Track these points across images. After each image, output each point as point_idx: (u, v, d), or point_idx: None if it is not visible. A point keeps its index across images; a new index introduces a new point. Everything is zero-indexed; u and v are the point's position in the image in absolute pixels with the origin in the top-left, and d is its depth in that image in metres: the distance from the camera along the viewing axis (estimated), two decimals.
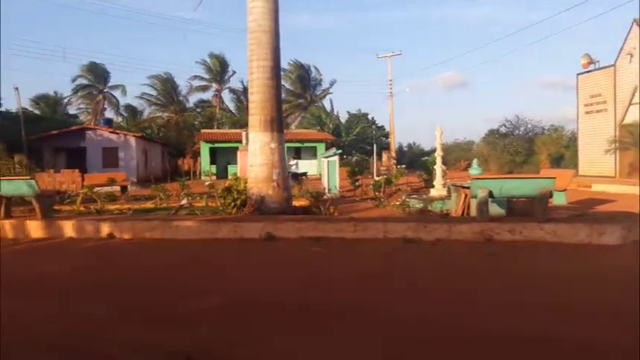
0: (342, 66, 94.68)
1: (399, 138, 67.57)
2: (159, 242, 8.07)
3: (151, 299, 4.77)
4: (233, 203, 10.11)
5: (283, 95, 11.40)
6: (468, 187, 9.30)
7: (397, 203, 11.78)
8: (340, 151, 18.16)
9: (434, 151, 17.75)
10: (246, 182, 10.32)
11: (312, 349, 3.39)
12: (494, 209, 8.80)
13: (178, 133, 45.63)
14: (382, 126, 53.07)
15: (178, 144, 43.69)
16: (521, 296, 4.66)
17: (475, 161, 17.70)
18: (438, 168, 14.49)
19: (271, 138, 10.11)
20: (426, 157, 26.11)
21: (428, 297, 4.71)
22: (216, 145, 36.02)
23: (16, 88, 29.26)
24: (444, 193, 13.34)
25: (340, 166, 16.96)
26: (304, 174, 27.50)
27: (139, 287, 5.31)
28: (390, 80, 41.92)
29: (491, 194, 8.15)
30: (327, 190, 15.21)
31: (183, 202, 11.34)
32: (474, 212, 8.83)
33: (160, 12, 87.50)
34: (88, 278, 5.80)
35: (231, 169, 33.75)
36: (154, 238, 8.31)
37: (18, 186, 9.37)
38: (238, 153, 29.71)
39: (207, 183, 14.59)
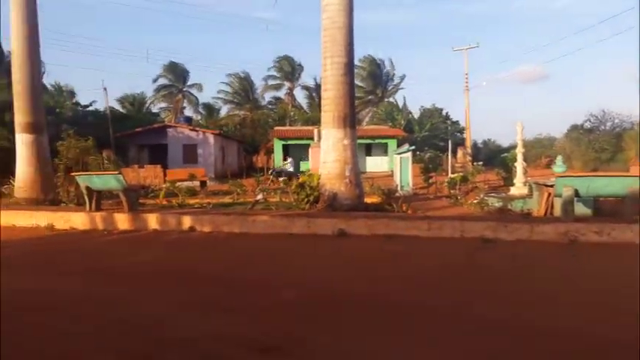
0: (415, 60, 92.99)
1: (475, 134, 65.45)
2: (236, 236, 8.34)
3: (229, 291, 4.93)
4: (306, 199, 10.23)
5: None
6: (551, 186, 8.83)
7: (474, 202, 11.40)
8: (413, 147, 17.83)
9: (512, 147, 17.05)
10: (319, 178, 10.42)
11: (386, 349, 3.35)
12: (580, 209, 8.30)
13: (253, 131, 46.89)
14: (457, 121, 51.66)
15: (253, 141, 44.89)
16: (608, 300, 4.35)
17: (559, 158, 16.76)
18: (519, 165, 13.87)
19: (344, 134, 10.12)
20: (505, 154, 25.07)
21: (508, 299, 4.52)
22: (289, 142, 36.61)
23: (105, 89, 31.43)
24: (525, 191, 12.75)
25: (413, 162, 16.67)
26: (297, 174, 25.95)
27: (219, 278, 5.50)
28: (466, 74, 40.62)
29: (576, 193, 7.69)
30: (399, 188, 15.01)
31: (259, 197, 11.63)
32: (557, 212, 8.37)
33: (238, 12, 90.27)
34: (172, 268, 6.11)
35: (303, 165, 34.21)
36: (232, 231, 8.59)
37: (107, 180, 10.02)
38: (310, 150, 30.10)
39: (281, 179, 14.89)
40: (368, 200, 11.11)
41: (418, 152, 35.61)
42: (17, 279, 5.62)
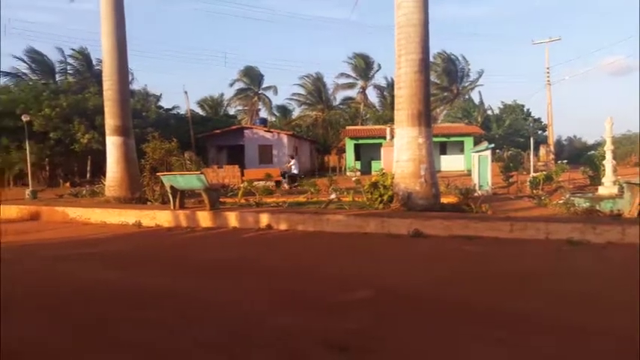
0: (492, 55, 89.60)
1: (558, 130, 61.92)
2: (311, 234, 8.45)
3: (307, 288, 5.00)
4: (380, 199, 10.16)
5: None
6: None
7: (560, 202, 10.79)
8: (493, 145, 17.16)
9: (599, 144, 15.92)
10: (392, 178, 10.30)
11: (465, 351, 3.25)
12: None
13: (325, 131, 47.27)
14: (539, 118, 49.23)
15: (325, 141, 45.26)
16: None
17: None
18: (608, 163, 12.95)
19: (419, 133, 9.94)
20: (592, 152, 23.53)
21: (597, 305, 4.23)
22: (361, 141, 36.54)
23: (185, 92, 33.01)
24: (615, 191, 11.89)
25: (492, 161, 16.06)
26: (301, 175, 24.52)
27: (296, 275, 5.60)
28: (548, 68, 38.57)
29: None
30: (477, 187, 14.52)
31: (332, 196, 11.70)
32: None
33: (313, 14, 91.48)
34: (253, 265, 6.31)
35: (374, 164, 33.99)
36: (307, 230, 8.72)
37: (190, 180, 10.49)
38: (382, 149, 29.83)
39: (354, 178, 14.89)
40: (444, 200, 10.84)
41: (497, 150, 34.29)
42: (108, 273, 6.02)
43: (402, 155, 10.01)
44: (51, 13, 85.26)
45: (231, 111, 55.94)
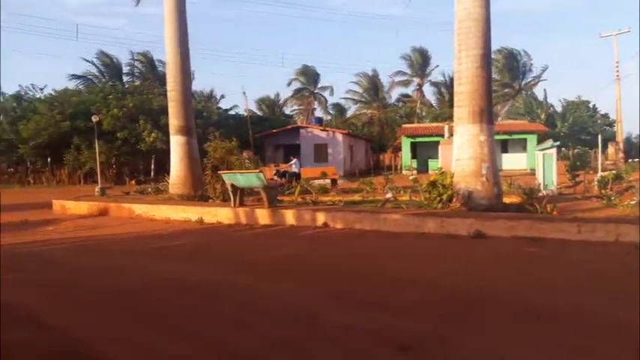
0: (556, 50, 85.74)
1: (628, 127, 58.43)
2: (368, 233, 8.42)
3: (367, 287, 4.99)
4: (438, 198, 9.97)
5: None
6: None
7: (631, 202, 10.18)
8: (558, 143, 16.42)
9: None
10: (452, 177, 10.08)
11: (528, 354, 3.13)
12: None
13: (380, 129, 46.96)
14: (606, 114, 46.72)
15: (380, 139, 44.95)
16: None
17: None
18: None
19: (480, 130, 9.67)
20: None
21: None
22: (417, 139, 36.00)
23: (244, 93, 33.81)
24: None
25: (557, 159, 15.37)
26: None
27: (356, 274, 5.59)
28: (617, 62, 36.48)
29: None
30: (542, 187, 13.95)
31: (389, 195, 11.59)
32: None
33: (367, 11, 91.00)
34: (313, 262, 6.38)
35: (431, 163, 33.41)
36: (363, 228, 8.69)
37: (250, 178, 10.71)
38: (440, 147, 29.26)
39: (411, 177, 14.69)
40: (506, 200, 10.49)
41: (563, 148, 32.83)
42: (174, 267, 6.26)
43: (462, 153, 9.78)
44: (118, 18, 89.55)
45: (288, 110, 56.74)
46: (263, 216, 10.03)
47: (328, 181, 18.38)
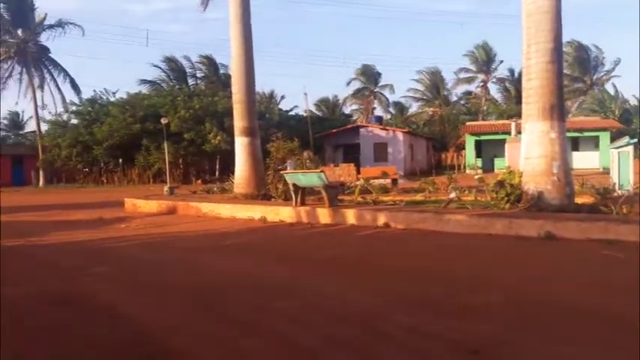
0: (627, 43, 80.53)
1: None
2: (431, 234, 8.27)
3: (429, 288, 4.90)
4: (506, 198, 9.62)
5: None
6: None
7: None
8: (635, 140, 15.42)
9: None
10: (520, 176, 9.70)
11: None
12: None
13: (442, 127, 46.00)
14: None
15: (442, 137, 44.03)
16: None
17: None
18: None
19: (550, 127, 9.26)
20: None
21: None
22: (482, 137, 34.95)
23: (305, 94, 34.14)
24: None
25: (634, 157, 14.42)
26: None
27: (419, 275, 5.52)
28: None
29: None
30: (616, 187, 13.15)
31: (452, 195, 11.31)
32: None
33: (431, 7, 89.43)
34: (376, 262, 6.35)
35: (497, 162, 32.33)
36: (426, 229, 8.54)
37: (311, 178, 10.81)
38: (507, 145, 28.24)
39: (476, 176, 14.28)
40: (579, 200, 9.97)
41: None
42: (240, 264, 6.43)
43: (531, 152, 9.40)
44: (184, 24, 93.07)
45: (348, 110, 56.75)
46: (324, 215, 10.08)
47: (389, 180, 18.21)
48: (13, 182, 37.07)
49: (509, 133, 29.68)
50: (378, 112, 54.29)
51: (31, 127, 49.86)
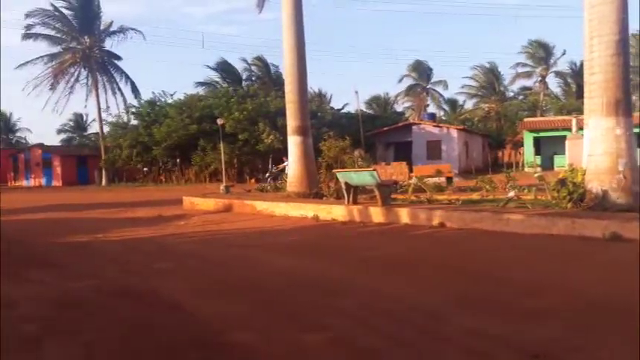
0: None
1: None
2: (489, 234, 8.07)
3: (488, 289, 4.80)
4: (568, 197, 9.24)
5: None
6: None
7: None
8: None
9: None
10: (583, 174, 9.30)
11: None
12: None
13: (499, 124, 44.68)
14: None
15: (498, 135, 42.76)
16: None
17: None
18: None
19: (616, 123, 8.82)
20: None
21: None
22: (541, 134, 33.67)
23: (356, 92, 34.19)
24: None
25: None
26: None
27: (476, 276, 5.41)
28: None
29: None
30: None
31: (511, 194, 10.98)
32: None
33: (482, 1, 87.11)
34: (428, 262, 6.28)
35: (557, 159, 31.04)
36: (484, 229, 8.34)
37: (363, 177, 10.80)
38: (567, 142, 27.07)
39: (536, 175, 13.78)
40: None
41: None
42: (295, 261, 6.52)
43: (595, 149, 8.99)
44: (238, 26, 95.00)
45: (399, 108, 56.14)
46: (376, 214, 10.05)
47: (443, 179, 17.89)
48: (78, 181, 39.22)
49: (569, 130, 28.42)
50: (431, 109, 53.40)
51: (94, 128, 52.62)
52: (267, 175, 19.68)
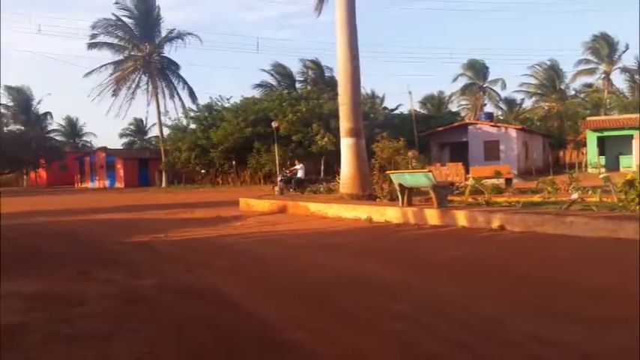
0: None
1: None
2: (552, 237, 7.74)
3: (551, 294, 4.61)
4: (637, 199, 8.75)
5: None
6: None
7: None
8: None
9: None
10: None
11: None
12: None
13: (560, 123, 42.87)
14: None
15: (559, 134, 41.05)
16: None
17: None
18: None
19: None
20: None
21: None
22: (605, 133, 32.02)
23: (410, 92, 33.78)
24: None
25: None
26: (310, 180, 20.88)
27: (538, 280, 5.20)
28: None
29: None
30: None
31: (575, 196, 10.52)
32: None
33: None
34: (487, 265, 6.11)
35: (623, 160, 29.46)
36: (546, 232, 8.00)
37: (418, 178, 10.65)
38: (634, 141, 25.75)
39: (601, 175, 13.13)
40: None
41: None
42: (349, 262, 6.51)
43: None
44: (291, 30, 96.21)
45: (455, 107, 54.96)
46: (432, 216, 9.87)
47: (501, 180, 17.35)
48: (140, 183, 40.97)
49: (636, 129, 26.95)
50: (488, 108, 51.95)
51: (154, 132, 54.77)
52: (280, 178, 19.49)
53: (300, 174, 19.55)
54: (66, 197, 28.31)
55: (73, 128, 61.88)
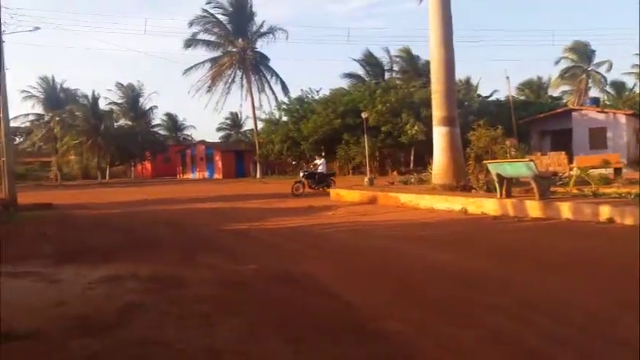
0: None
1: None
2: None
3: None
4: None
5: None
6: None
7: None
8: None
9: None
10: None
11: None
12: None
13: None
14: None
15: None
16: None
17: None
18: None
19: None
20: None
21: None
22: None
23: (507, 78, 32.09)
24: None
25: None
26: (332, 175, 19.90)
27: None
28: None
29: None
30: None
31: None
32: None
33: None
34: (597, 260, 5.76)
35: None
36: None
37: (518, 168, 10.12)
38: None
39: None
40: None
41: None
42: (445, 255, 6.37)
43: None
44: (379, 19, 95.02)
45: (556, 93, 51.39)
46: (533, 208, 9.36)
47: (610, 170, 15.99)
48: (236, 174, 42.87)
49: None
50: (594, 93, 48.01)
51: (248, 125, 56.79)
52: (302, 174, 19.00)
53: (321, 169, 19.10)
54: (170, 187, 30.36)
55: (174, 123, 65.84)
